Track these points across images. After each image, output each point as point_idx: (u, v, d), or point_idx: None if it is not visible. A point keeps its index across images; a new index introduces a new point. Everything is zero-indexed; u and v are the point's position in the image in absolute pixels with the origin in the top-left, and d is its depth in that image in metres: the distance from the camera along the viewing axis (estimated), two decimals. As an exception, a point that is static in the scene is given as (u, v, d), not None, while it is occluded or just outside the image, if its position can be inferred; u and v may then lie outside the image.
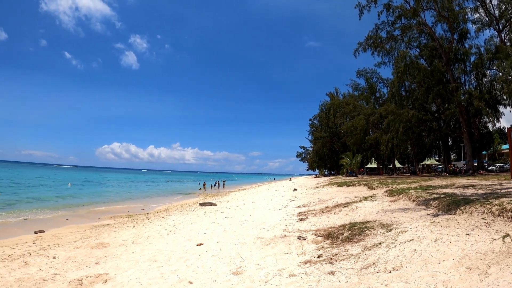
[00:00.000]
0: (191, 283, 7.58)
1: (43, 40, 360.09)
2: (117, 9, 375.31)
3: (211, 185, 76.38)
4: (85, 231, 20.42)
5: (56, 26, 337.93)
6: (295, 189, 37.50)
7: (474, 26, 47.35)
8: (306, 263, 7.43)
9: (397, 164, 76.12)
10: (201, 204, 29.08)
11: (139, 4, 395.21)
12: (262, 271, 7.38)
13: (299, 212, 16.40)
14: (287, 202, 22.57)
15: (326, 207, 16.72)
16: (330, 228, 10.77)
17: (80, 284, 8.90)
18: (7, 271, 11.20)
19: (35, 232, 20.43)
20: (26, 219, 26.26)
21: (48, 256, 13.28)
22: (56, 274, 10.39)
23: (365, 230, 8.89)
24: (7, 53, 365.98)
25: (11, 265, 12.15)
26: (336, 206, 16.45)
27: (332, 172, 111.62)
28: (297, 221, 13.70)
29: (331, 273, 6.34)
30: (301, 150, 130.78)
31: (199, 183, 77.09)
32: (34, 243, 17.38)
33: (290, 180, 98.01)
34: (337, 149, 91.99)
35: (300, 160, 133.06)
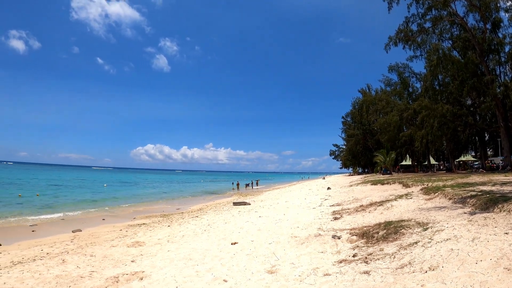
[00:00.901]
0: (226, 281, 7.63)
1: (75, 47, 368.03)
2: (146, 14, 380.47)
3: (245, 185, 76.50)
4: (121, 230, 20.73)
5: (87, 33, 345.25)
6: (328, 188, 37.28)
7: (507, 15, 45.32)
8: (341, 262, 7.38)
9: (432, 161, 74.27)
10: (235, 204, 29.18)
11: (167, 8, 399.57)
12: (296, 270, 7.36)
13: (333, 211, 16.30)
14: (321, 201, 22.45)
15: (360, 206, 16.57)
16: (365, 227, 10.68)
17: (117, 281, 9.04)
18: (46, 268, 11.48)
19: (73, 231, 20.87)
20: (63, 219, 26.89)
21: (85, 254, 13.56)
22: (93, 271, 10.60)
23: (401, 229, 8.78)
24: (42, 61, 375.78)
25: (50, 262, 12.45)
26: (371, 204, 16.29)
27: (366, 170, 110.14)
28: (331, 220, 13.63)
29: (366, 272, 6.28)
30: (334, 148, 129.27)
31: (232, 183, 77.32)
32: (71, 241, 17.76)
33: (324, 178, 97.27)
34: (370, 147, 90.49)
35: (333, 158, 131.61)
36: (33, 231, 21.71)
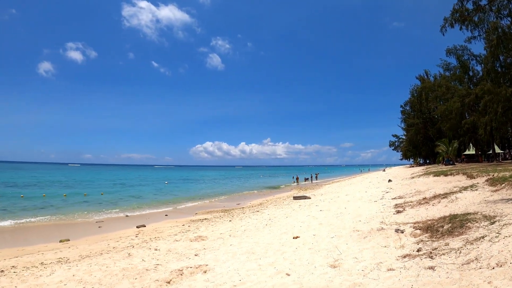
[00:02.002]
0: (288, 275, 7.66)
1: (130, 53, 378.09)
2: (196, 15, 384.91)
3: (304, 179, 76.24)
4: (183, 225, 21.14)
5: (141, 39, 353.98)
6: (389, 180, 36.59)
7: None
8: (404, 257, 7.26)
9: (497, 150, 70.59)
10: (295, 198, 29.16)
11: (215, 7, 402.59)
12: (359, 265, 7.30)
13: (396, 204, 16.02)
14: (382, 194, 22.09)
15: (423, 198, 16.19)
16: (429, 220, 10.44)
17: (181, 274, 9.25)
18: (113, 261, 11.90)
19: (137, 227, 21.50)
20: (127, 215, 27.72)
21: (150, 248, 13.93)
22: (158, 264, 10.89)
23: (466, 223, 8.54)
24: (99, 69, 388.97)
25: (116, 256, 12.89)
26: (434, 197, 15.89)
27: (428, 161, 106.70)
28: (393, 213, 13.41)
29: (431, 268, 6.16)
30: (393, 139, 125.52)
31: (293, 177, 77.15)
32: (136, 236, 18.30)
33: (384, 170, 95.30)
34: (431, 136, 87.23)
35: (393, 150, 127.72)
36: (99, 227, 22.54)
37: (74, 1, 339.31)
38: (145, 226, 21.92)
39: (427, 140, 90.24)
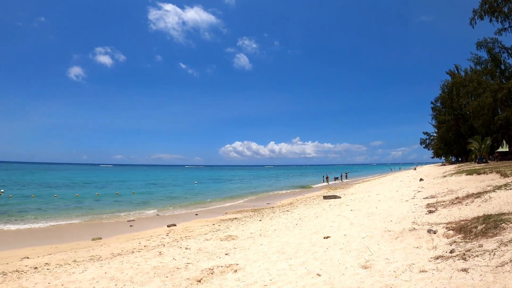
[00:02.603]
0: (319, 275, 7.63)
1: (158, 56, 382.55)
2: (222, 16, 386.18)
3: (334, 178, 75.84)
4: (213, 224, 21.29)
5: (168, 42, 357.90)
6: (421, 179, 36.06)
7: None
8: (437, 258, 7.15)
9: (532, 147, 69.16)
10: (325, 197, 29.03)
11: (241, 7, 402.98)
12: (391, 266, 7.22)
13: (427, 204, 15.78)
14: (414, 193, 21.81)
15: (456, 198, 15.92)
16: (462, 220, 10.27)
17: (212, 273, 9.31)
18: (144, 260, 12.08)
19: (168, 226, 21.77)
20: (158, 214, 28.14)
21: (180, 247, 14.08)
22: (188, 263, 11.00)
23: (501, 223, 8.37)
24: (128, 72, 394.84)
25: (147, 254, 13.09)
26: (467, 196, 15.60)
27: (460, 159, 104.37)
28: (425, 213, 13.23)
29: (464, 270, 6.05)
30: (424, 137, 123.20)
31: (323, 176, 76.76)
32: (167, 235, 18.51)
33: (415, 169, 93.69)
34: (463, 133, 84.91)
35: (424, 148, 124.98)
36: (131, 226, 22.90)
37: (101, 7, 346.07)
38: (175, 225, 22.16)
39: (459, 137, 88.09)
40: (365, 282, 6.56)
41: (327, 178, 71.00)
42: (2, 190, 47.16)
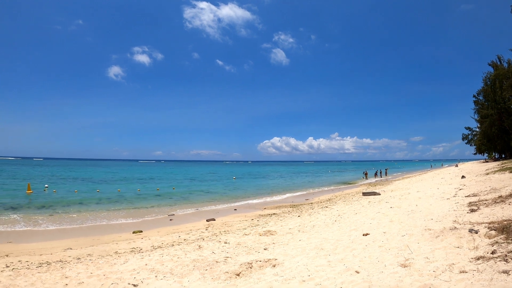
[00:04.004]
0: (358, 272, 7.61)
1: (195, 53, 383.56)
2: (257, 12, 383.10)
3: (374, 174, 75.04)
4: (252, 219, 21.41)
5: (204, 39, 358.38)
6: (463, 176, 35.26)
7: None
8: (478, 259, 7.01)
9: None
10: (364, 194, 28.78)
11: (275, 2, 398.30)
12: (431, 265, 7.12)
13: (469, 202, 15.46)
14: (455, 191, 21.37)
15: (499, 197, 15.53)
16: (505, 220, 10.02)
17: (250, 267, 9.41)
18: (183, 252, 12.30)
19: (207, 220, 22.04)
20: (197, 209, 28.51)
21: (219, 241, 14.25)
22: (227, 257, 11.14)
23: (546, 224, 8.18)
24: (166, 70, 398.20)
25: (187, 248, 13.31)
26: (511, 195, 15.25)
27: (503, 156, 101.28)
28: (467, 212, 12.97)
29: (506, 272, 5.91)
30: (466, 132, 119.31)
31: (363, 172, 75.95)
32: (206, 229, 18.75)
33: (457, 166, 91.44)
34: (507, 128, 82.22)
35: (466, 143, 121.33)
36: (170, 220, 23.30)
37: (137, 8, 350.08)
38: (214, 220, 22.41)
39: (503, 132, 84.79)
40: (404, 281, 6.50)
41: (366, 174, 70.38)
42: (46, 185, 48.73)
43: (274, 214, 23.55)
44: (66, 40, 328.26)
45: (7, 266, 12.07)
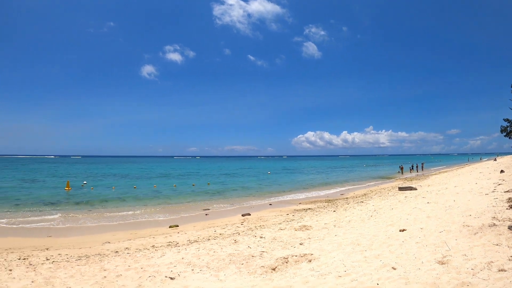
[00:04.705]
0: (394, 268, 7.57)
1: (226, 50, 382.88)
2: (287, 5, 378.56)
3: (409, 169, 73.97)
4: (287, 214, 21.46)
5: (235, 35, 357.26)
6: (502, 171, 34.40)
7: None
8: (518, 256, 6.92)
9: None
10: (400, 189, 28.45)
11: None
12: (469, 263, 7.00)
13: (509, 198, 15.08)
14: (494, 186, 20.90)
15: (540, 192, 15.21)
16: (546, 216, 9.84)
17: (286, 262, 9.47)
18: (219, 247, 12.47)
19: (242, 215, 22.20)
20: (232, 204, 28.78)
21: (255, 236, 14.35)
22: (263, 251, 11.23)
23: None
24: (198, 67, 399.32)
25: (223, 242, 13.48)
26: (553, 190, 14.87)
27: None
28: (507, 208, 12.69)
29: (547, 269, 5.84)
30: (505, 124, 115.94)
31: (399, 166, 74.80)
32: (241, 224, 18.90)
33: (495, 160, 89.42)
34: None
35: (504, 136, 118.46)
36: (206, 214, 23.57)
37: (166, 8, 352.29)
38: (250, 215, 22.54)
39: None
40: (441, 278, 6.43)
41: (402, 168, 69.38)
42: (84, 182, 50.15)
43: (309, 209, 23.54)
44: (99, 42, 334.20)
45: (47, 259, 12.47)
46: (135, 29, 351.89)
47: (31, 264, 11.62)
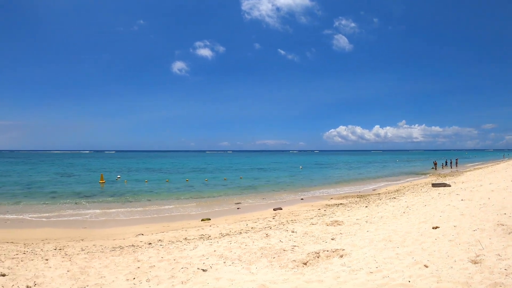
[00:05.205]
0: (426, 266, 7.51)
1: (256, 44, 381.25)
2: None
3: (442, 164, 72.82)
4: (319, 209, 21.49)
5: (264, 29, 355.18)
6: (540, 168, 33.75)
7: None
8: (554, 257, 6.80)
9: None
10: (433, 185, 28.08)
11: None
12: (502, 263, 6.88)
13: (546, 196, 14.86)
14: (532, 184, 20.54)
15: None
16: None
17: (318, 257, 9.52)
18: (251, 240, 12.63)
19: (274, 209, 22.34)
20: (264, 198, 29.00)
21: (286, 230, 14.46)
22: (295, 246, 11.32)
23: None
24: (229, 62, 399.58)
25: (254, 236, 13.63)
26: None
27: None
28: (544, 207, 12.50)
29: None
30: None
31: (433, 162, 73.60)
32: (273, 218, 19.03)
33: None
34: None
35: None
36: (238, 208, 23.83)
37: (195, 4, 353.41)
38: (281, 209, 22.65)
39: None
40: (474, 278, 6.37)
41: (435, 164, 68.32)
42: (118, 176, 51.33)
43: (341, 204, 23.49)
44: (129, 40, 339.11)
45: (82, 250, 12.87)
46: (165, 27, 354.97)
47: (66, 254, 12.01)
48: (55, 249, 13.02)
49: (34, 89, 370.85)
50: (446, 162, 74.78)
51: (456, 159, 78.88)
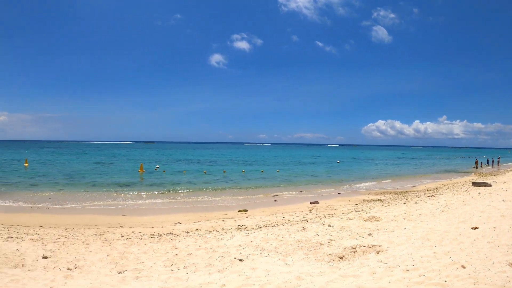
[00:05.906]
0: (464, 267, 7.45)
1: (294, 36, 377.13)
2: None
3: (481, 163, 71.11)
4: (356, 204, 21.44)
5: (302, 21, 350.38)
6: None
7: None
8: None
9: None
10: (474, 184, 27.55)
11: None
12: (542, 266, 6.85)
13: None
14: None
15: None
16: None
17: (354, 252, 9.56)
18: (287, 233, 12.74)
19: (311, 203, 22.40)
20: (301, 191, 29.02)
21: (323, 224, 14.50)
22: (331, 240, 11.36)
23: None
24: (266, 55, 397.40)
25: (291, 228, 13.74)
26: None
27: None
28: None
29: None
30: None
31: (475, 160, 71.90)
32: (310, 211, 19.10)
33: None
34: None
35: None
36: (275, 201, 24.02)
37: None
38: (318, 203, 22.65)
39: None
40: (511, 281, 6.32)
41: (476, 162, 66.79)
42: (157, 166, 52.45)
43: (378, 200, 23.33)
44: (167, 34, 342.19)
45: (122, 236, 13.26)
46: (202, 20, 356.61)
47: (106, 240, 12.41)
48: (95, 235, 13.45)
49: (77, 82, 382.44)
50: (488, 160, 72.98)
51: (498, 158, 76.80)
